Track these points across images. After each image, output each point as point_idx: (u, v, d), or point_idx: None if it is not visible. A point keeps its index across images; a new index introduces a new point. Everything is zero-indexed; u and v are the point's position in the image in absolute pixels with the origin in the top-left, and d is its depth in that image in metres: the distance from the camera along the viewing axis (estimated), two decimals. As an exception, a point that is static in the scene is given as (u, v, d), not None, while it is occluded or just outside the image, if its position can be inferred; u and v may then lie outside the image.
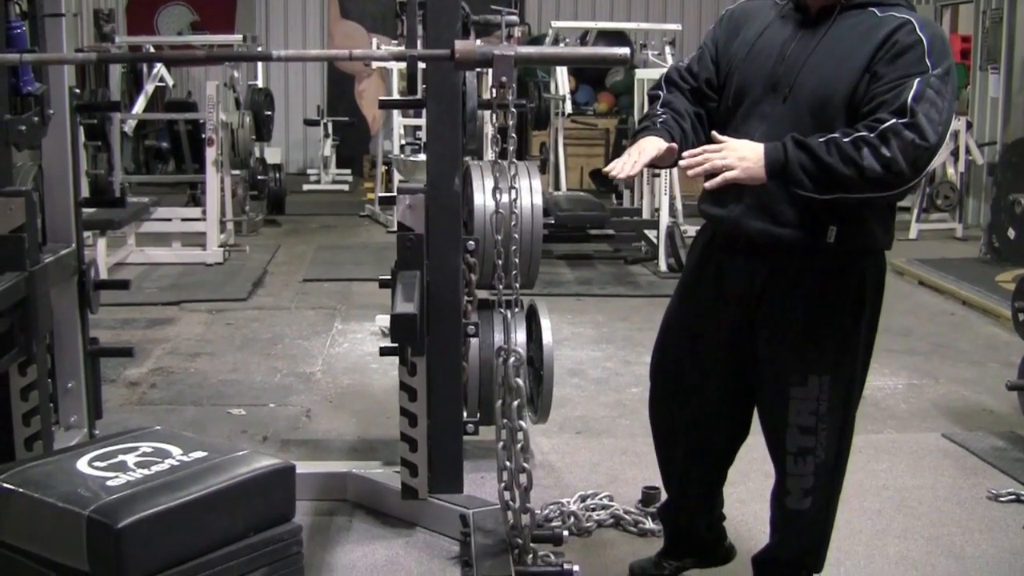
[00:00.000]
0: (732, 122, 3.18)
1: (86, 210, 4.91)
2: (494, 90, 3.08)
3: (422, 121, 10.65)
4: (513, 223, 3.40)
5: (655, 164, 3.17)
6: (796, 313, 3.14)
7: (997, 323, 7.89)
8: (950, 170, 11.78)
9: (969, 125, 11.83)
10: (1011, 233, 9.71)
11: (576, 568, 3.70)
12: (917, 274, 9.32)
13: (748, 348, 3.24)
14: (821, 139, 2.89)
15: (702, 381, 3.36)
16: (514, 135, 3.45)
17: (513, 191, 3.37)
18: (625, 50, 3.12)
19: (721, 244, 3.27)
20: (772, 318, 3.17)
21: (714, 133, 3.10)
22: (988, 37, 12.36)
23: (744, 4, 3.36)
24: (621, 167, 3.08)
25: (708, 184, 3.06)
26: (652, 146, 3.10)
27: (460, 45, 3.05)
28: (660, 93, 3.33)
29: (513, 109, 3.34)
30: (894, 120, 2.84)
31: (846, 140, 2.86)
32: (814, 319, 3.13)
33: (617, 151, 12.50)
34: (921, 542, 4.22)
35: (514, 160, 3.50)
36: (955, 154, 11.69)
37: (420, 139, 10.53)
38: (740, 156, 2.97)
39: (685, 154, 3.08)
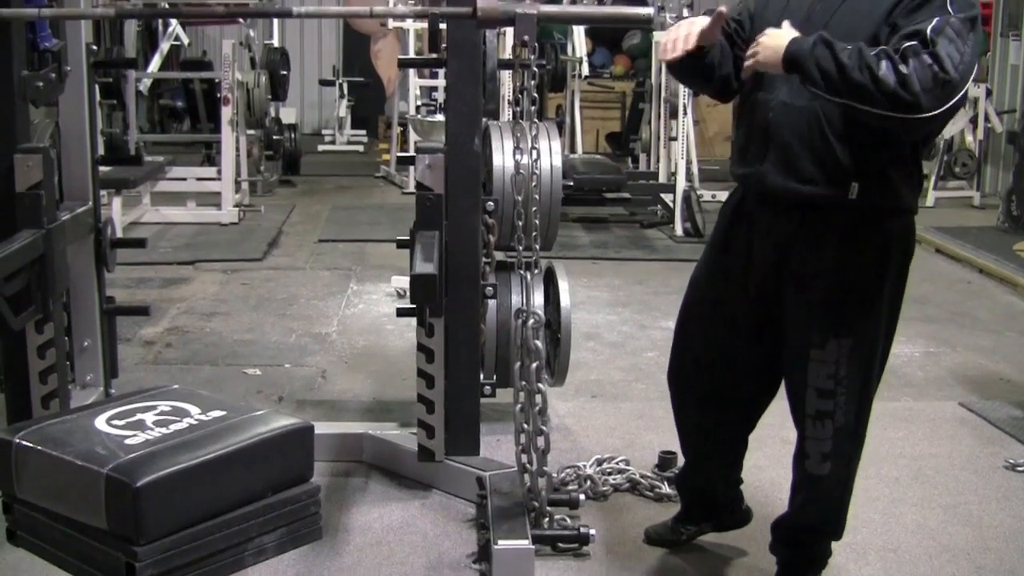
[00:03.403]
0: (758, 81, 3.15)
1: (102, 168, 4.89)
2: (516, 49, 3.05)
3: (438, 82, 10.69)
4: (533, 184, 3.38)
5: (704, 41, 3.11)
6: (820, 273, 3.12)
7: (1015, 292, 7.86)
8: (968, 137, 11.72)
9: (989, 92, 11.75)
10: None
11: (593, 531, 3.71)
12: (934, 242, 9.27)
13: (776, 309, 3.23)
14: (848, 46, 2.85)
15: (729, 341, 3.34)
16: (535, 95, 3.43)
17: (534, 151, 3.35)
18: (649, 10, 3.10)
19: (750, 204, 3.25)
20: (797, 278, 3.15)
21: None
22: (1009, 3, 12.25)
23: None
24: (673, 45, 3.06)
25: (743, 74, 3.09)
26: (700, 20, 3.07)
27: (482, 3, 3.03)
28: None
29: (535, 69, 3.31)
30: (915, 43, 2.80)
31: (870, 51, 2.82)
32: (837, 281, 3.11)
33: (634, 114, 12.47)
34: (938, 511, 4.21)
35: (535, 121, 3.47)
36: (974, 121, 11.62)
37: (436, 100, 10.51)
38: (766, 45, 2.97)
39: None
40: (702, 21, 3.06)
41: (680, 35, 3.06)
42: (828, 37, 2.88)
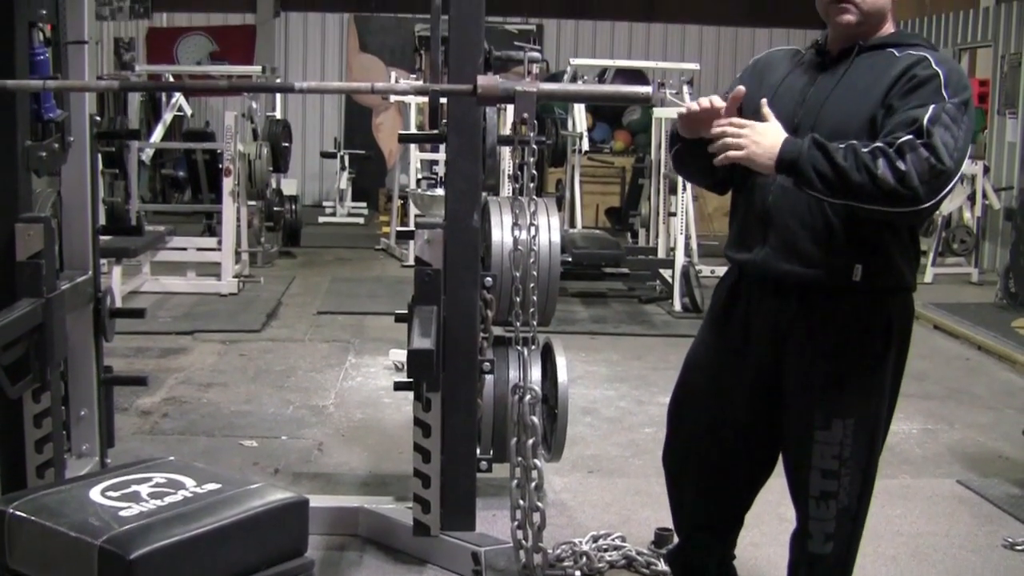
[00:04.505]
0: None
1: (102, 238, 4.91)
2: (515, 126, 3.07)
3: (439, 156, 10.75)
4: (532, 260, 3.39)
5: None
6: (822, 356, 3.11)
7: (1013, 369, 7.86)
8: (966, 214, 11.77)
9: (986, 169, 11.83)
10: (1030, 279, 9.68)
11: (588, 608, 3.68)
12: (932, 318, 9.28)
13: (773, 390, 3.22)
14: (841, 145, 2.88)
15: (725, 423, 3.33)
16: (534, 171, 3.45)
17: (532, 227, 3.36)
18: (648, 88, 3.12)
19: (748, 287, 3.25)
20: (798, 360, 3.15)
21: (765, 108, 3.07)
22: (1006, 81, 12.38)
23: (768, 54, 3.39)
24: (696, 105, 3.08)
25: (715, 160, 3.04)
26: (716, 98, 3.07)
27: (482, 81, 3.05)
28: None
29: (534, 145, 3.33)
30: (911, 136, 2.83)
31: (864, 149, 2.84)
32: (840, 362, 3.11)
33: (633, 189, 12.53)
34: (936, 590, 4.19)
35: (533, 196, 3.49)
36: (972, 198, 11.69)
37: (437, 174, 10.56)
38: (755, 140, 2.96)
39: (718, 121, 3.06)
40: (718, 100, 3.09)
41: (701, 100, 3.09)
42: (820, 139, 2.90)
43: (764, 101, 3.07)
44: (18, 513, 2.67)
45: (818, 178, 2.88)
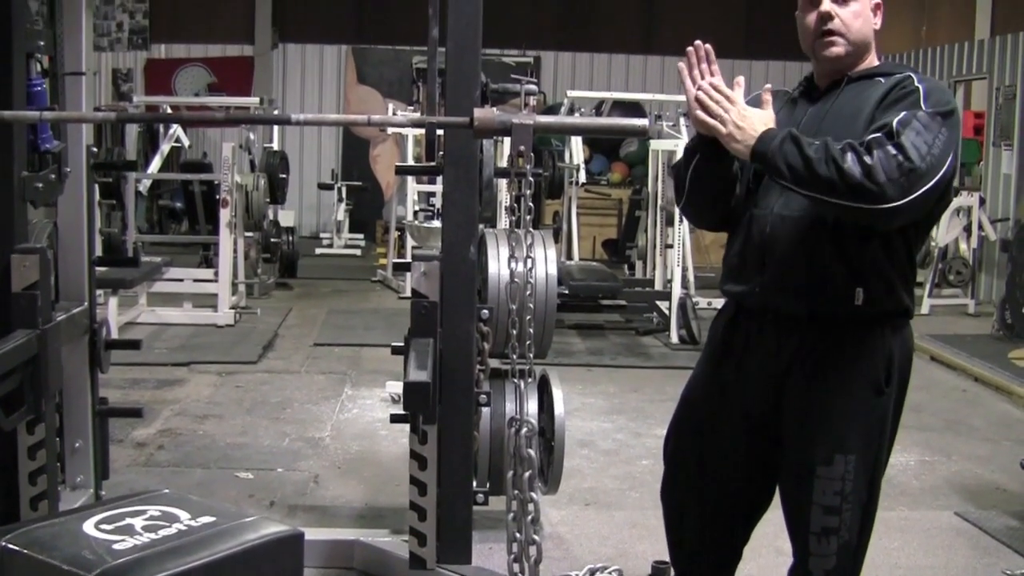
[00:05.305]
0: (752, 196, 3.17)
1: (99, 268, 4.91)
2: (512, 158, 3.07)
3: (436, 187, 10.76)
4: (528, 293, 3.38)
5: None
6: (824, 390, 3.10)
7: (1010, 400, 7.85)
8: (962, 246, 11.80)
9: (982, 201, 11.87)
10: (1027, 310, 9.68)
11: (585, 643, 3.66)
12: (929, 350, 9.28)
13: (771, 425, 3.20)
14: (815, 141, 2.89)
15: (723, 458, 3.31)
16: (531, 203, 3.45)
17: (529, 260, 3.36)
18: (644, 121, 3.11)
19: (747, 320, 3.24)
20: (799, 395, 3.13)
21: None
22: (1001, 113, 12.42)
23: (759, 95, 3.39)
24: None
25: (693, 122, 3.06)
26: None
27: (479, 113, 3.05)
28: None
29: (531, 178, 3.33)
30: (880, 135, 2.85)
31: (836, 145, 2.86)
32: (842, 397, 3.09)
33: (630, 221, 12.54)
34: (935, 624, 4.17)
35: (530, 229, 3.49)
36: (968, 230, 11.71)
37: (434, 205, 10.58)
38: (738, 123, 2.98)
39: (704, 82, 3.06)
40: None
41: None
42: (796, 133, 2.92)
43: (768, 87, 3.10)
44: (11, 546, 2.65)
45: (787, 168, 2.88)
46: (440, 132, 4.25)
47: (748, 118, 3.00)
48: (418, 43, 11.28)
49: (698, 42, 3.12)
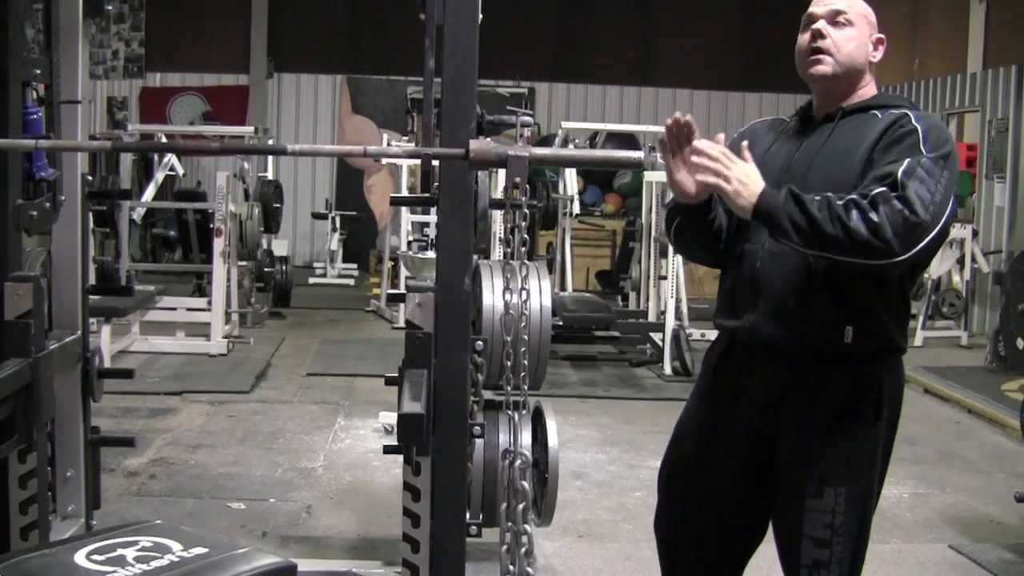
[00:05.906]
0: (743, 231, 3.18)
1: (92, 297, 4.90)
2: (507, 190, 3.07)
3: (430, 218, 10.77)
4: (523, 324, 3.38)
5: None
6: (815, 425, 3.09)
7: (1003, 432, 7.84)
8: (955, 278, 11.82)
9: (975, 233, 11.89)
10: (1021, 343, 9.67)
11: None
12: (923, 382, 9.29)
13: (765, 457, 3.20)
14: (816, 197, 2.89)
15: (716, 490, 3.30)
16: (525, 235, 3.45)
17: (524, 292, 3.36)
18: (639, 153, 3.12)
19: (739, 354, 3.24)
20: (790, 428, 3.13)
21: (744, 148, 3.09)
22: (994, 146, 12.47)
23: (751, 127, 3.42)
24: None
25: (694, 184, 3.08)
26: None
27: (475, 145, 3.05)
28: None
29: (526, 209, 3.33)
30: (884, 188, 2.84)
31: (838, 201, 2.85)
32: (832, 431, 3.09)
33: (624, 253, 12.56)
34: (929, 658, 4.15)
35: (525, 260, 3.49)
36: (961, 262, 11.74)
37: (428, 236, 10.58)
38: (741, 180, 2.98)
39: (702, 142, 3.08)
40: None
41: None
42: (796, 190, 2.92)
43: (744, 144, 3.09)
44: (2, 577, 2.63)
45: (793, 230, 2.89)
46: (435, 163, 4.24)
47: (750, 175, 3.00)
48: (413, 74, 11.29)
49: (677, 114, 3.15)
